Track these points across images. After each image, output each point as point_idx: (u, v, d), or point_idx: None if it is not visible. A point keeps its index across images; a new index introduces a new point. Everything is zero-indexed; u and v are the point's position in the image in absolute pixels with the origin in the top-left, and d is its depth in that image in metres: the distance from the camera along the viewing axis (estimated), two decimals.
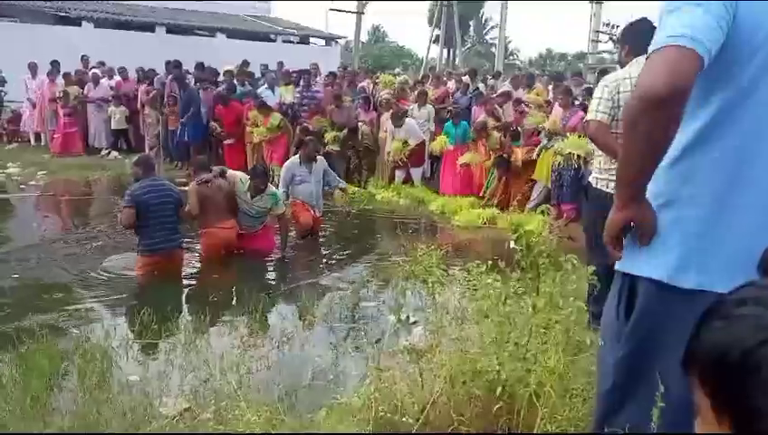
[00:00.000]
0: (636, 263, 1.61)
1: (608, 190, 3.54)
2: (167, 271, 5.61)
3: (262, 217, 6.45)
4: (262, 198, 6.28)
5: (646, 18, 3.66)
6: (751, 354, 0.66)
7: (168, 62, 11.90)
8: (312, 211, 7.11)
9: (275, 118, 9.97)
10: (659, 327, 1.53)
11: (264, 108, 10.04)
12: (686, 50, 1.33)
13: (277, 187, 6.91)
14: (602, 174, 3.65)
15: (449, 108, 10.18)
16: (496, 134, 8.90)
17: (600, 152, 3.68)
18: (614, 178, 3.47)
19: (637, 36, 3.51)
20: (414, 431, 2.24)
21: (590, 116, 3.59)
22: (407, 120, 9.54)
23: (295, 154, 9.80)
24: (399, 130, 9.44)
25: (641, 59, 3.20)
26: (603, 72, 7.60)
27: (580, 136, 6.98)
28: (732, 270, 0.72)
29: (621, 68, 3.74)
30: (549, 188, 7.79)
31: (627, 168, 1.49)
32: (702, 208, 1.49)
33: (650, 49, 1.40)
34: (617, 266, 1.67)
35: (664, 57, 1.35)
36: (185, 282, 5.71)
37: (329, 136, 9.80)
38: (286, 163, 7.22)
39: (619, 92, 3.50)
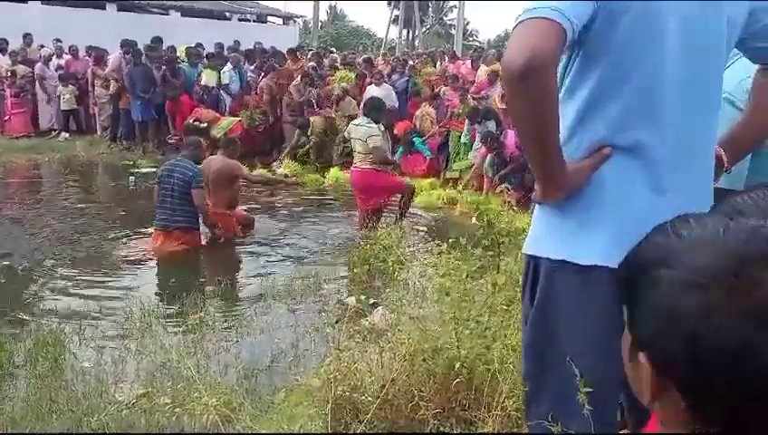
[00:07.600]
0: (536, 244, 1.54)
1: None
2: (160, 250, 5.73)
3: None
4: None
5: None
6: (652, 271, 0.67)
7: (123, 42, 11.45)
8: None
9: (221, 128, 9.54)
10: (559, 308, 1.48)
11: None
12: (548, 21, 1.24)
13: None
14: None
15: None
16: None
17: None
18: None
19: None
20: (373, 409, 2.24)
21: None
22: (384, 84, 9.95)
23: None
24: (379, 88, 9.67)
25: None
26: None
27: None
28: (624, 244, 0.69)
29: None
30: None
31: (526, 150, 1.42)
32: (593, 186, 1.43)
33: (514, 23, 1.30)
34: (523, 250, 1.61)
35: (524, 30, 1.26)
36: (148, 265, 5.60)
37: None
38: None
39: None
